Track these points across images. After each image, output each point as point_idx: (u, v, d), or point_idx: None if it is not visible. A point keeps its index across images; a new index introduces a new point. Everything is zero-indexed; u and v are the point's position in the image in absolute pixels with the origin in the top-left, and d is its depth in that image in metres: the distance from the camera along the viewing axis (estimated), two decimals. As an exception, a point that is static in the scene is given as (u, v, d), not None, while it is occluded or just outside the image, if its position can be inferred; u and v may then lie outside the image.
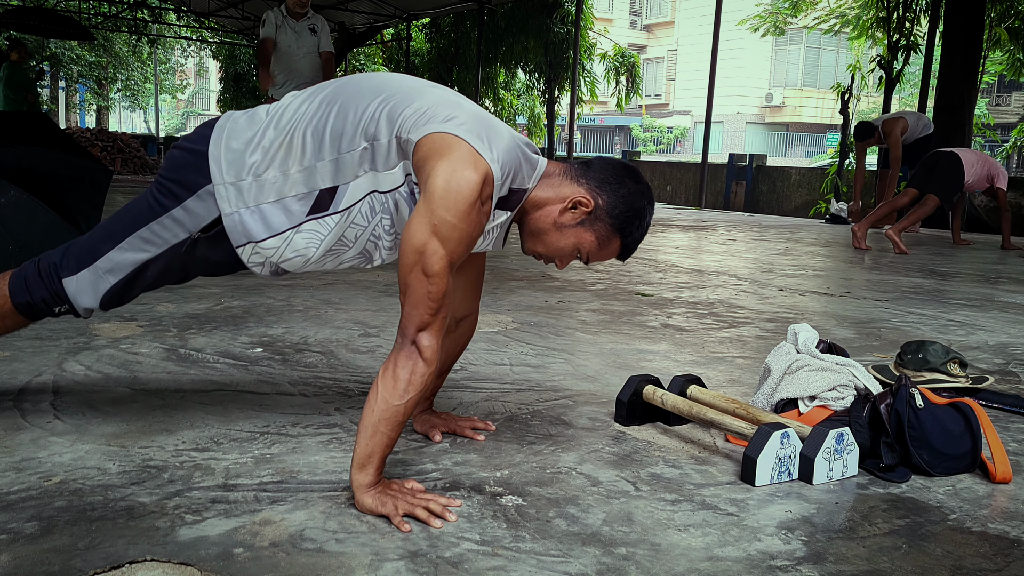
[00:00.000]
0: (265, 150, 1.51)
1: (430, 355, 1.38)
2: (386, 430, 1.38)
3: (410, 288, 1.37)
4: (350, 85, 1.54)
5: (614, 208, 1.52)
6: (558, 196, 1.53)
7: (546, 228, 1.54)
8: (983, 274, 4.93)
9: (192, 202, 1.54)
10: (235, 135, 1.54)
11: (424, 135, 1.40)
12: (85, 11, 18.91)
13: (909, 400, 1.70)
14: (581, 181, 1.53)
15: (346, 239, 1.56)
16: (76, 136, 14.88)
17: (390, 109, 1.45)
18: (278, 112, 1.55)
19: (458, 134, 1.38)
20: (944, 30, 8.45)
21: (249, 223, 1.53)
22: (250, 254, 1.57)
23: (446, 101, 1.47)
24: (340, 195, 1.50)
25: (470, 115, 1.44)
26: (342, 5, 13.72)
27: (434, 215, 1.34)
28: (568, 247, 1.55)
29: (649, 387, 1.92)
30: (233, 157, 1.52)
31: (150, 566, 1.20)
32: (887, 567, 1.30)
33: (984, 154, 6.34)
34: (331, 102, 1.51)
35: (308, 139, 1.49)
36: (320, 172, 1.49)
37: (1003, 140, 16.95)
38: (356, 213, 1.52)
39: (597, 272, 4.37)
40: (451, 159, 1.36)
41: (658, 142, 34.79)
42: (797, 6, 14.89)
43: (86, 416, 1.84)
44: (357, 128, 1.46)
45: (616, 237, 1.54)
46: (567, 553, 1.29)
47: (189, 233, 1.56)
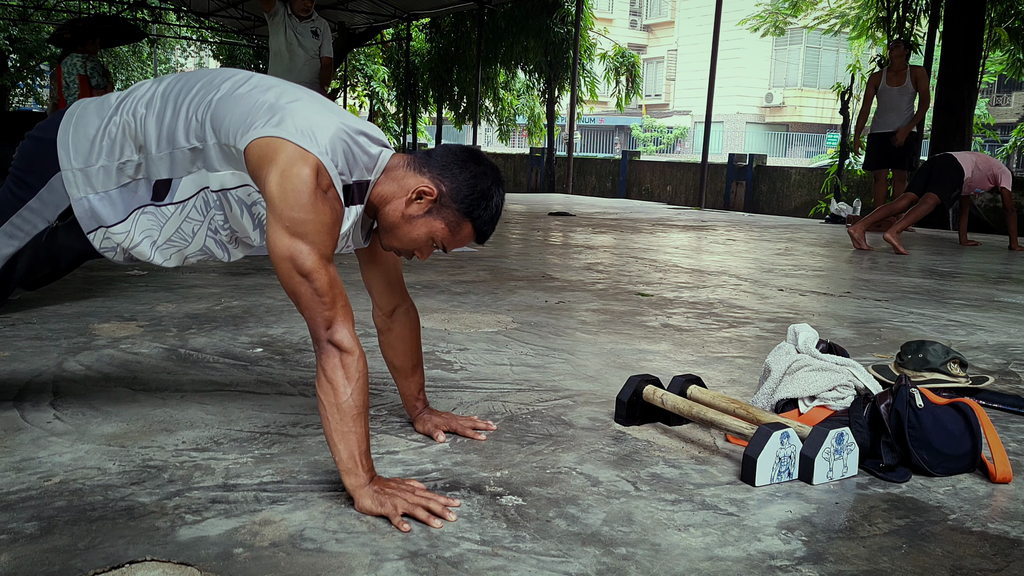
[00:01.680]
0: (112, 138, 1.54)
1: (348, 343, 1.39)
2: (351, 427, 1.39)
3: (298, 295, 1.39)
4: (187, 82, 1.56)
5: (458, 193, 1.51)
6: (403, 188, 1.52)
7: (396, 222, 1.53)
8: (983, 274, 4.93)
9: (45, 191, 1.56)
10: (83, 121, 1.57)
11: (248, 143, 1.42)
12: (85, 11, 18.90)
13: (909, 400, 1.70)
14: (423, 171, 1.52)
15: (184, 232, 1.59)
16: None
17: (212, 114, 1.48)
18: (125, 99, 1.57)
19: (280, 135, 1.40)
20: (944, 30, 8.45)
21: (98, 208, 1.55)
22: (101, 239, 1.59)
23: (266, 104, 1.46)
24: (174, 188, 1.54)
25: (290, 114, 1.44)
26: (342, 5, 13.72)
27: (283, 218, 1.36)
28: (421, 237, 1.54)
29: (649, 387, 1.92)
30: (81, 143, 1.55)
31: (150, 566, 1.20)
32: (887, 567, 1.30)
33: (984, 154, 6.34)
34: (169, 98, 1.54)
35: (149, 130, 1.52)
36: (157, 163, 1.53)
37: (1003, 140, 16.96)
38: (191, 207, 1.56)
39: (597, 272, 4.37)
40: (278, 162, 1.38)
41: (658, 142, 34.79)
42: (797, 6, 14.89)
43: (86, 416, 1.84)
44: (188, 129, 1.50)
45: (466, 221, 1.53)
46: (567, 553, 1.29)
47: (48, 222, 1.58)
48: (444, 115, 18.24)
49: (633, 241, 6.14)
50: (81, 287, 3.29)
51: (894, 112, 7.30)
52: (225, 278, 3.68)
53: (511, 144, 20.59)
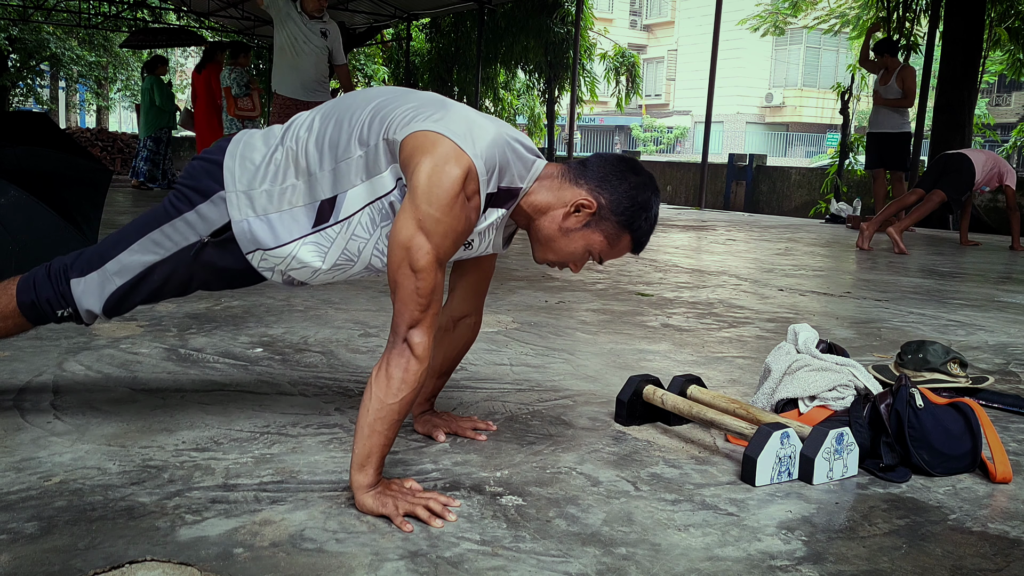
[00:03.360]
0: (277, 164, 1.56)
1: (422, 352, 1.38)
2: (382, 429, 1.38)
3: (399, 285, 1.38)
4: (346, 99, 1.59)
5: (618, 205, 1.50)
6: (560, 200, 1.52)
7: (553, 235, 1.53)
8: (984, 274, 4.92)
9: (205, 207, 1.59)
10: (250, 148, 1.60)
11: (408, 134, 1.41)
12: (85, 11, 18.91)
13: (909, 400, 1.70)
14: (580, 182, 1.52)
15: (349, 252, 1.57)
16: (76, 136, 14.90)
17: (380, 114, 1.48)
18: (288, 128, 1.61)
19: (439, 131, 1.39)
20: (944, 30, 8.45)
21: (257, 230, 1.57)
22: (259, 260, 1.61)
23: (432, 102, 1.49)
24: (339, 204, 1.52)
25: (454, 114, 1.45)
26: (342, 5, 13.72)
27: (418, 210, 1.36)
28: (579, 250, 1.54)
29: (649, 387, 1.92)
30: (247, 167, 1.58)
31: (150, 566, 1.20)
32: (887, 567, 1.30)
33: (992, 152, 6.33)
34: (329, 116, 1.56)
35: (311, 152, 1.53)
36: (321, 182, 1.52)
37: (1003, 140, 16.95)
38: (356, 224, 1.53)
39: (597, 272, 4.37)
40: (433, 155, 1.37)
41: (658, 142, 34.79)
42: (797, 6, 14.90)
43: (86, 416, 1.84)
44: (351, 136, 1.49)
45: (625, 233, 1.53)
46: (567, 553, 1.29)
47: (199, 237, 1.60)
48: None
49: (633, 241, 6.13)
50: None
51: (883, 112, 7.44)
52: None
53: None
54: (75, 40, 23.95)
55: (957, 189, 5.93)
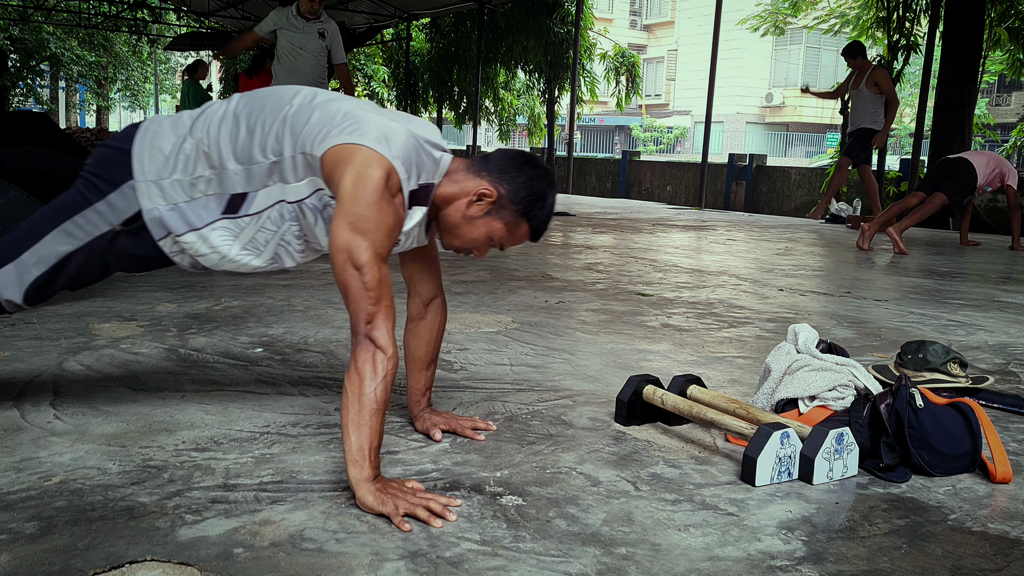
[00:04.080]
0: (187, 155, 1.61)
1: (384, 342, 1.44)
2: (368, 421, 1.41)
3: (347, 286, 1.44)
4: (258, 101, 1.63)
5: (516, 195, 1.60)
6: (463, 191, 1.61)
7: (457, 222, 1.62)
8: (984, 274, 4.92)
9: (115, 196, 1.63)
10: (159, 137, 1.64)
11: (327, 149, 1.49)
12: (85, 11, 18.91)
13: (909, 400, 1.70)
14: (483, 174, 1.61)
15: (257, 241, 1.66)
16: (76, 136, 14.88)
17: (291, 127, 1.55)
18: (198, 119, 1.65)
19: (356, 141, 1.47)
20: (944, 30, 8.44)
21: (167, 218, 1.62)
22: (170, 245, 1.67)
23: (340, 113, 1.55)
24: (249, 201, 1.61)
25: (365, 121, 1.52)
26: (342, 5, 13.72)
27: (349, 213, 1.43)
28: (481, 237, 1.63)
29: (649, 387, 1.92)
30: (156, 157, 1.62)
31: (150, 566, 1.20)
32: (887, 567, 1.30)
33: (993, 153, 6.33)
34: (241, 117, 1.61)
35: (223, 147, 1.59)
36: (232, 178, 1.60)
37: (1003, 140, 16.95)
38: (265, 218, 1.62)
39: (597, 272, 4.37)
40: (354, 164, 1.45)
41: (658, 142, 34.78)
42: (797, 6, 14.88)
43: (86, 416, 1.84)
44: (265, 145, 1.57)
45: (523, 221, 1.62)
46: (567, 553, 1.29)
47: (111, 226, 1.64)
48: (444, 115, 18.23)
49: (633, 241, 6.14)
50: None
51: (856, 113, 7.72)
52: (225, 278, 3.68)
53: (511, 144, 20.59)
54: (75, 40, 23.94)
55: (959, 192, 5.93)
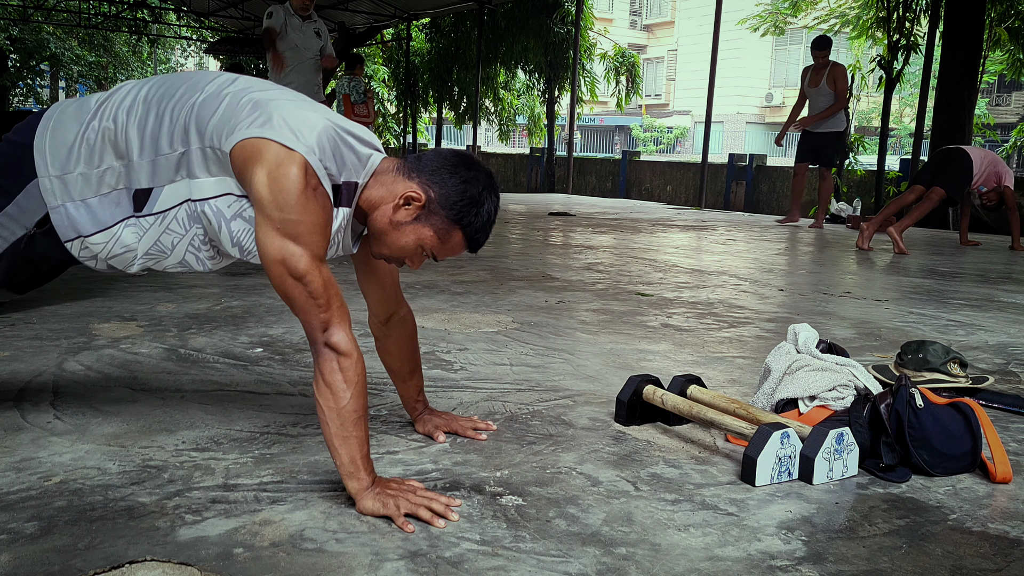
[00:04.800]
0: (91, 144, 1.48)
1: (345, 346, 1.37)
2: (351, 432, 1.38)
3: (291, 298, 1.37)
4: (170, 85, 1.51)
5: (447, 199, 1.46)
6: (391, 194, 1.47)
7: (384, 228, 1.48)
8: (984, 274, 4.92)
9: (22, 197, 1.50)
10: (61, 125, 1.51)
11: (233, 145, 1.38)
12: (85, 11, 18.90)
13: (909, 400, 1.70)
14: (413, 176, 1.47)
15: (163, 245, 1.53)
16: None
17: (197, 118, 1.44)
18: (106, 103, 1.52)
19: (264, 136, 1.36)
20: (944, 30, 8.44)
21: (76, 217, 1.49)
22: (79, 249, 1.54)
23: (249, 103, 1.43)
24: (154, 198, 1.48)
25: (276, 112, 1.40)
26: (342, 5, 13.72)
27: (273, 219, 1.33)
28: (410, 245, 1.49)
29: (649, 387, 1.92)
30: (58, 149, 1.49)
31: (150, 566, 1.20)
32: (887, 567, 1.30)
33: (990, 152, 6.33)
34: (150, 103, 1.49)
35: (131, 137, 1.47)
36: (138, 171, 1.47)
37: (1003, 140, 16.95)
38: (172, 219, 1.49)
39: (597, 272, 4.37)
40: (264, 162, 1.35)
41: (658, 142, 34.78)
42: (797, 6, 14.89)
43: (86, 416, 1.84)
44: (172, 134, 1.45)
45: (456, 228, 1.48)
46: (567, 553, 1.29)
47: (26, 229, 1.52)
48: (444, 115, 18.23)
49: (633, 241, 6.14)
50: (81, 287, 3.29)
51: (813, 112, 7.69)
52: (225, 278, 3.68)
53: (511, 144, 20.59)
54: (75, 40, 23.93)
55: (955, 183, 5.90)
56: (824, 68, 7.52)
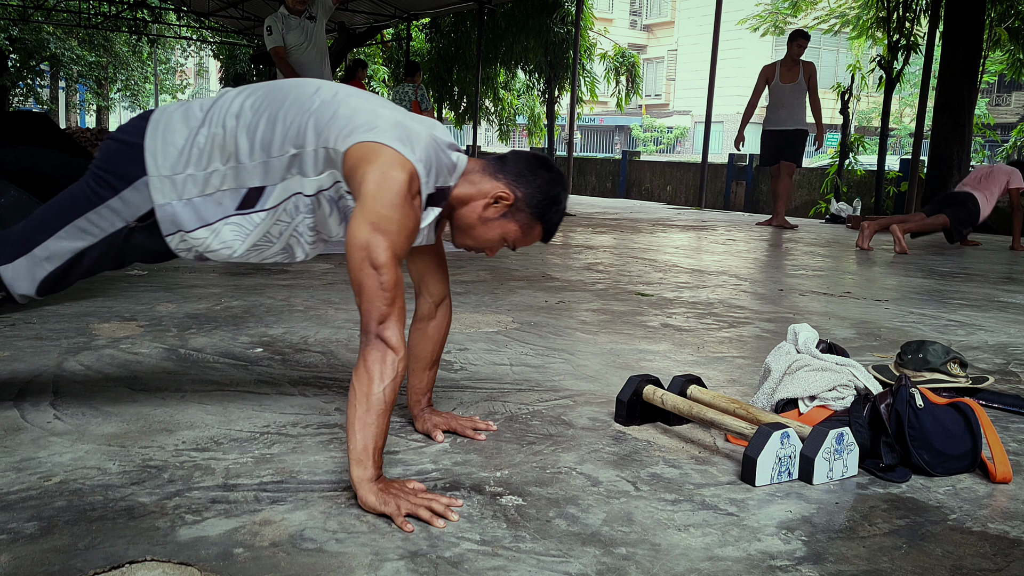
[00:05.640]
0: (200, 148, 1.59)
1: (396, 343, 1.43)
2: (374, 420, 1.40)
3: (362, 285, 1.44)
4: (279, 92, 1.62)
5: (532, 198, 1.63)
6: (480, 192, 1.63)
7: (473, 223, 1.65)
8: (984, 274, 4.92)
9: (128, 192, 1.61)
10: (171, 130, 1.62)
11: (350, 145, 1.49)
12: (85, 11, 18.90)
13: (909, 400, 1.70)
14: (499, 176, 1.64)
15: (271, 235, 1.65)
16: (76, 136, 14.88)
17: (316, 121, 1.54)
18: (212, 110, 1.63)
19: (381, 141, 1.47)
20: (944, 30, 8.44)
21: (180, 214, 1.61)
22: (178, 242, 1.65)
23: (364, 109, 1.55)
24: (267, 194, 1.60)
25: (389, 122, 1.52)
26: (342, 5, 13.71)
27: (371, 213, 1.43)
28: (495, 238, 1.66)
29: (649, 387, 1.92)
30: (169, 152, 1.60)
31: (150, 566, 1.20)
32: (887, 567, 1.30)
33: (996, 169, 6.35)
34: (261, 109, 1.60)
35: (240, 141, 1.58)
36: (250, 172, 1.58)
37: (1003, 140, 16.94)
38: (281, 211, 1.61)
39: (597, 272, 4.37)
40: (378, 163, 1.45)
41: (658, 142, 34.78)
42: (797, 6, 14.89)
43: (86, 416, 1.84)
44: (285, 137, 1.56)
45: (537, 223, 1.66)
46: (567, 553, 1.29)
47: (126, 222, 1.63)
48: (444, 115, 18.23)
49: (633, 241, 6.14)
50: (81, 287, 3.29)
51: (786, 109, 7.40)
52: (225, 278, 3.68)
53: (511, 144, 20.57)
54: (75, 40, 23.92)
55: (961, 221, 6.09)
56: (798, 64, 7.38)
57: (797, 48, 7.39)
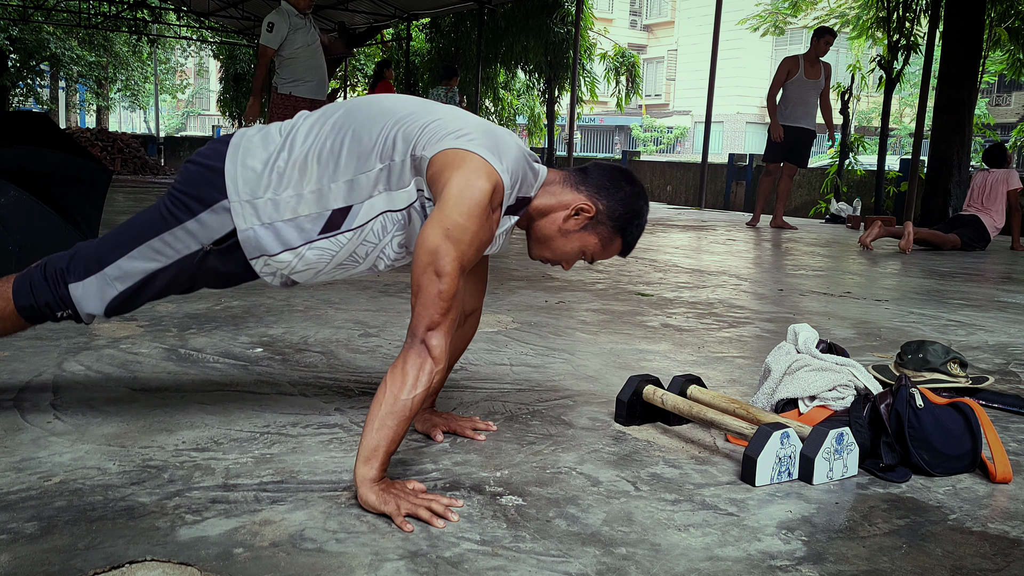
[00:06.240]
0: (280, 171, 1.57)
1: (439, 354, 1.41)
2: (393, 424, 1.40)
3: (422, 288, 1.41)
4: (360, 109, 1.60)
5: (614, 211, 1.61)
6: (560, 203, 1.61)
7: (552, 235, 1.63)
8: (984, 274, 4.92)
9: (207, 215, 1.59)
10: (250, 154, 1.60)
11: (438, 151, 1.46)
12: (85, 11, 18.90)
13: (909, 400, 1.70)
14: (580, 188, 1.62)
15: (357, 255, 1.62)
16: (76, 136, 14.89)
17: (405, 130, 1.52)
18: (291, 133, 1.61)
19: (470, 148, 1.45)
20: (944, 30, 8.43)
21: (263, 238, 1.59)
22: (262, 266, 1.63)
23: (454, 117, 1.54)
24: (354, 214, 1.56)
25: (479, 130, 1.51)
26: (342, 5, 13.72)
27: (447, 219, 1.40)
28: (574, 250, 1.64)
29: (649, 387, 1.92)
30: (249, 176, 1.58)
31: (150, 566, 1.20)
32: (887, 567, 1.30)
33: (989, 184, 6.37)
34: (343, 126, 1.57)
35: (322, 162, 1.56)
36: (333, 193, 1.55)
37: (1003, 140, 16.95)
38: (368, 231, 1.58)
39: (597, 272, 4.37)
40: (464, 170, 1.43)
41: (658, 142, 34.79)
42: (797, 6, 14.89)
43: (86, 416, 1.84)
44: (372, 150, 1.53)
45: (618, 237, 1.64)
46: (567, 553, 1.29)
47: (201, 245, 1.61)
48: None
49: (633, 241, 6.13)
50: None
51: (804, 106, 7.18)
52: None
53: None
54: (75, 40, 23.92)
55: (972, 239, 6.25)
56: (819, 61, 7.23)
57: (824, 45, 7.15)
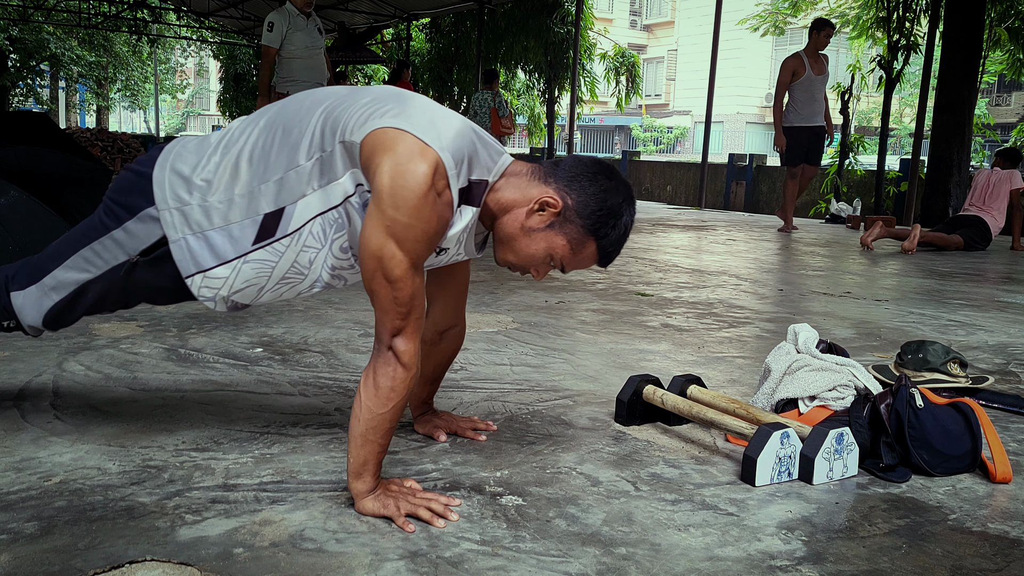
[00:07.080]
0: (210, 175, 1.46)
1: (408, 359, 1.35)
2: (375, 438, 1.38)
3: (376, 295, 1.33)
4: (293, 103, 1.49)
5: (584, 207, 1.40)
6: (525, 198, 1.42)
7: (514, 233, 1.43)
8: (983, 274, 4.92)
9: (133, 224, 1.49)
10: (181, 159, 1.49)
11: (366, 134, 1.32)
12: (85, 11, 18.91)
13: (909, 400, 1.70)
14: (549, 180, 1.42)
15: (300, 265, 1.47)
16: (76, 136, 14.88)
17: (332, 116, 1.39)
18: (226, 135, 1.51)
19: (400, 126, 1.31)
20: (944, 30, 8.43)
21: (195, 249, 1.46)
22: (200, 286, 1.50)
23: (387, 96, 1.40)
24: (287, 217, 1.42)
25: (414, 106, 1.36)
26: (342, 5, 13.72)
27: (385, 216, 1.28)
28: (539, 253, 1.44)
29: (649, 387, 1.92)
30: (177, 181, 1.47)
31: (150, 566, 1.20)
32: (887, 567, 1.30)
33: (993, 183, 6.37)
34: (274, 124, 1.46)
35: (254, 162, 1.44)
36: (264, 195, 1.42)
37: (1003, 140, 16.95)
38: (307, 235, 1.43)
39: (597, 272, 4.37)
40: (395, 152, 1.28)
41: (658, 142, 34.78)
42: (797, 6, 14.89)
43: (86, 416, 1.84)
44: (301, 144, 1.40)
45: (590, 239, 1.43)
46: (567, 553, 1.29)
47: (128, 256, 1.51)
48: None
49: (633, 241, 6.13)
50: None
51: (814, 104, 6.96)
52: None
53: (511, 144, 20.60)
54: (75, 40, 23.93)
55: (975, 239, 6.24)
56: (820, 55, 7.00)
57: (825, 38, 6.93)
